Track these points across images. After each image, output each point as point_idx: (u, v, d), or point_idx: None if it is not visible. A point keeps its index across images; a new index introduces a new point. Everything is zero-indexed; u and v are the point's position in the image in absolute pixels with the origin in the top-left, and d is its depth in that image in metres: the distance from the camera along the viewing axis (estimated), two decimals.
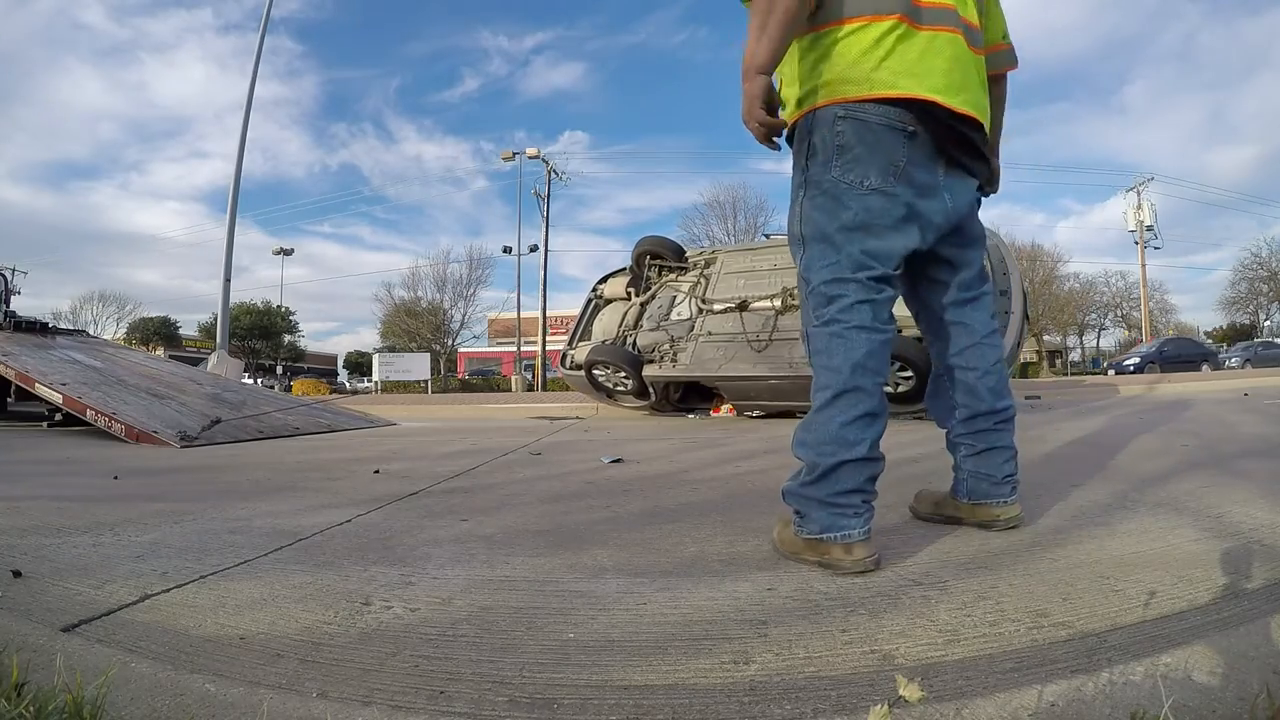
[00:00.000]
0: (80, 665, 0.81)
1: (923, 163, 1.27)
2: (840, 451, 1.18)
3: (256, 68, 13.69)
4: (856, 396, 1.20)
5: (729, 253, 6.25)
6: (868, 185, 1.24)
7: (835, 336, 1.23)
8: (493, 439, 4.22)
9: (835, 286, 1.26)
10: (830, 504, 1.18)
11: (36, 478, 2.66)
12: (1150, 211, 28.70)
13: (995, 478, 1.41)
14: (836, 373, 1.21)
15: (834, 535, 1.17)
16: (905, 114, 1.23)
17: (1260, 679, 0.74)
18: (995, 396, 1.41)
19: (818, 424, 1.22)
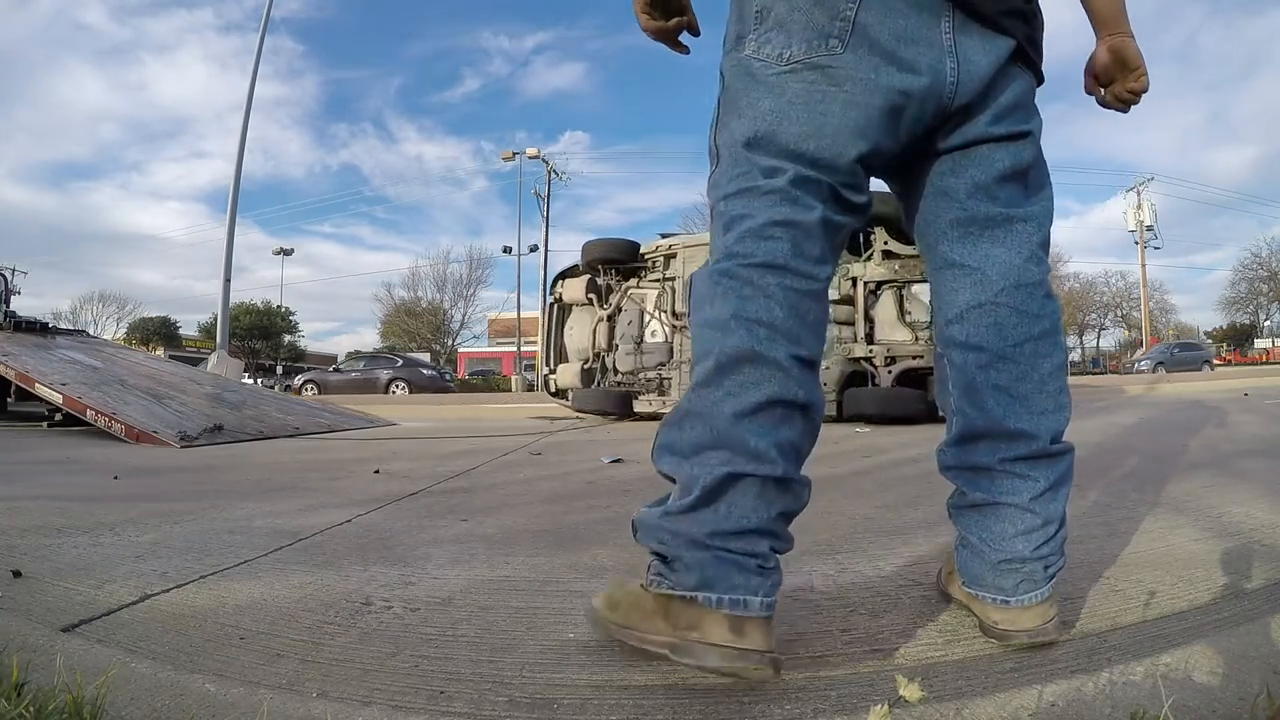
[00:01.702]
0: (80, 665, 0.81)
1: (901, 8, 0.80)
2: (734, 459, 0.75)
3: (256, 68, 13.70)
4: (757, 371, 0.76)
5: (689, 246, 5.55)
6: (788, 59, 0.81)
7: (724, 277, 0.80)
8: (493, 439, 4.22)
9: (739, 202, 0.83)
10: (715, 547, 0.73)
11: (36, 478, 2.66)
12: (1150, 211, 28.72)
13: (988, 557, 0.85)
14: (721, 329, 0.77)
15: (716, 598, 0.71)
16: None
17: (1260, 679, 0.74)
18: (1008, 409, 0.84)
19: (692, 411, 0.78)
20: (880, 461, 2.70)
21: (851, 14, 0.79)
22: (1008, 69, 0.85)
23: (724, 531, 0.74)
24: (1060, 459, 0.85)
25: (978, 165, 0.87)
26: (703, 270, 0.85)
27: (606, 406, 5.59)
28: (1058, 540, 0.85)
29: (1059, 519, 0.85)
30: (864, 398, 4.51)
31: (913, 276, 4.62)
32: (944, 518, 1.58)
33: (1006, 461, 0.84)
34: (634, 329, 5.77)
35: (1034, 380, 0.84)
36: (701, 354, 0.80)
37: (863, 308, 4.76)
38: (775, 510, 0.76)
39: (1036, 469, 0.84)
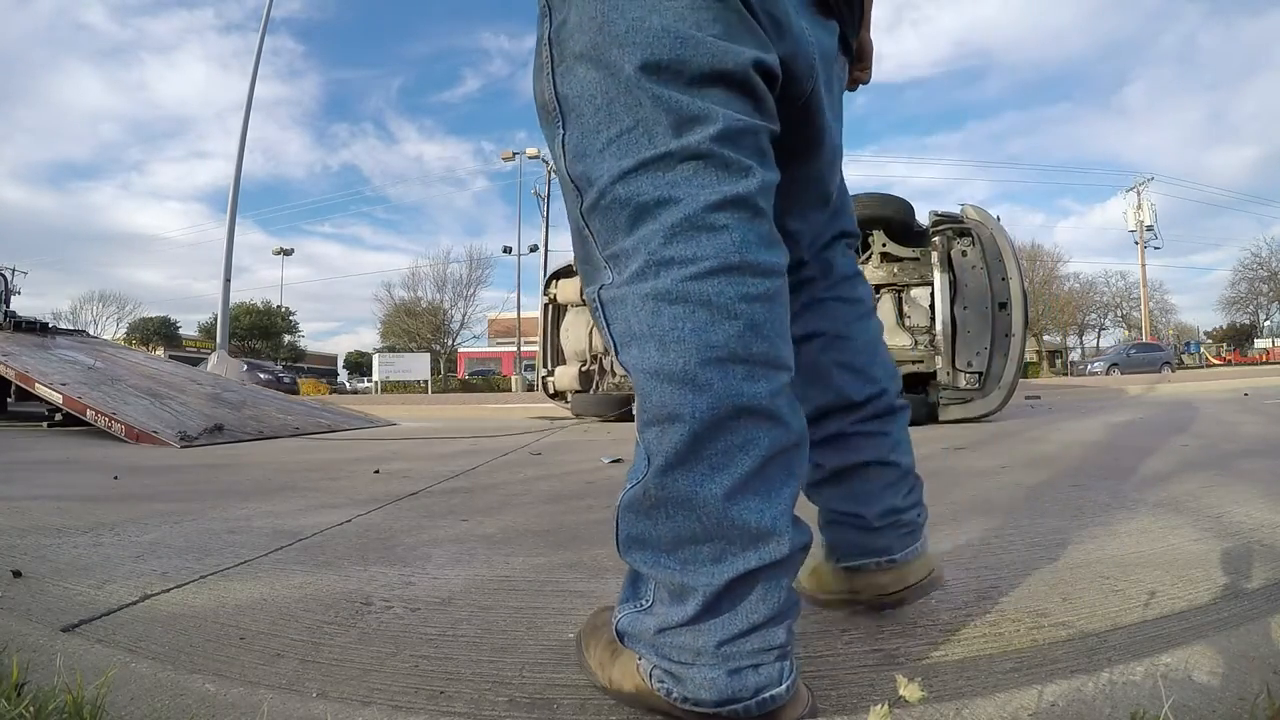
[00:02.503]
0: (80, 665, 0.81)
1: None
2: (736, 552, 0.61)
3: (256, 68, 13.71)
4: (747, 427, 0.60)
5: None
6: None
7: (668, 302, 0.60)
8: (493, 439, 4.22)
9: (649, 180, 0.61)
10: (729, 657, 0.61)
11: (36, 478, 2.66)
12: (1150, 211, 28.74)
13: (866, 518, 0.85)
14: (690, 387, 0.59)
15: (743, 708, 0.61)
16: None
17: (1260, 679, 0.74)
18: (851, 379, 0.86)
19: (669, 499, 0.61)
20: None
21: None
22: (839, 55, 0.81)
23: (736, 635, 0.61)
24: (903, 413, 0.89)
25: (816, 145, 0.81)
26: (624, 289, 0.62)
27: (606, 411, 5.58)
28: (919, 490, 0.89)
29: (913, 469, 0.88)
30: None
31: (912, 280, 4.60)
32: (944, 518, 1.59)
33: (858, 423, 0.86)
34: None
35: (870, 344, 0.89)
36: (664, 418, 0.60)
37: None
38: (785, 587, 0.63)
39: (886, 424, 0.87)
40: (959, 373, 4.43)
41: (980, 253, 4.42)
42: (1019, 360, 4.34)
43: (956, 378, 4.42)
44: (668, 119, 0.61)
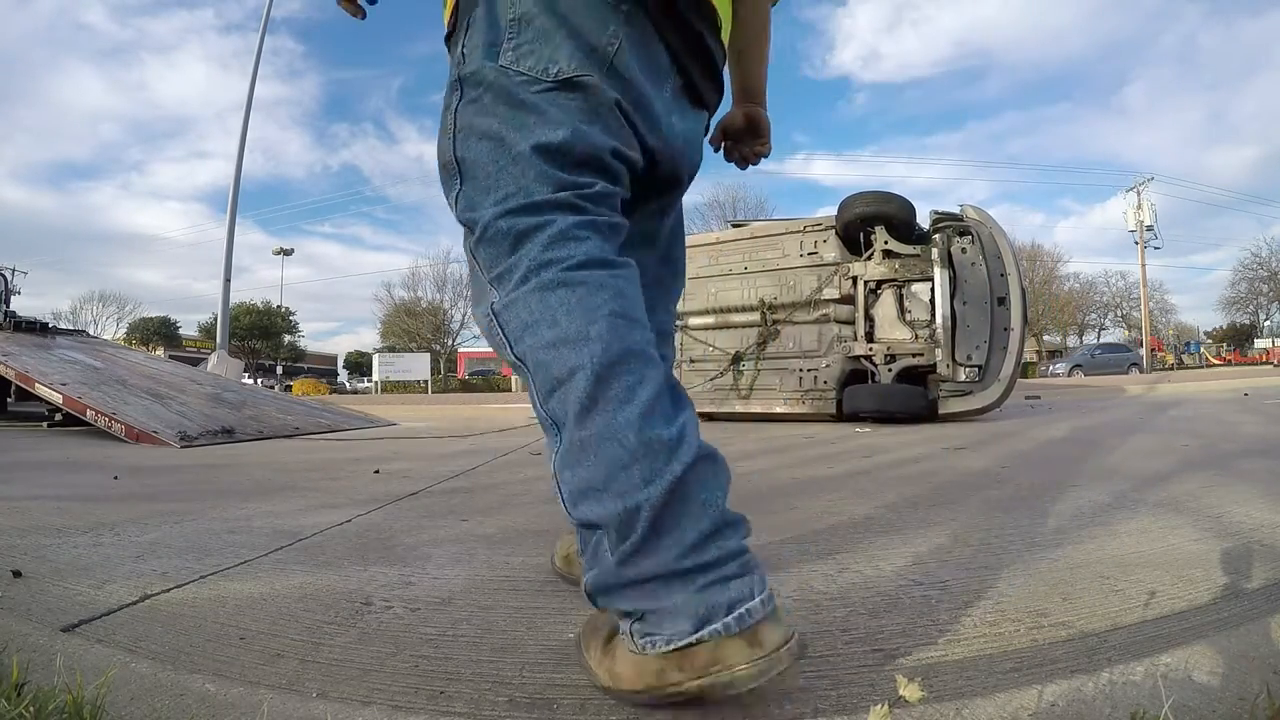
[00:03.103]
0: (80, 665, 0.81)
1: (646, 60, 0.83)
2: (662, 465, 0.66)
3: (256, 68, 13.72)
4: (637, 363, 0.70)
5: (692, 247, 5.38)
6: (556, 74, 0.79)
7: (552, 289, 0.72)
8: (493, 439, 4.22)
9: (526, 216, 0.76)
10: (692, 570, 0.65)
11: (37, 478, 2.66)
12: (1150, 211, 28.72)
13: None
14: (581, 342, 0.70)
15: (723, 625, 0.63)
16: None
17: (1260, 679, 0.74)
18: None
19: (592, 439, 0.68)
20: (880, 461, 2.70)
21: (615, 45, 0.81)
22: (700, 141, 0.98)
23: (691, 546, 0.65)
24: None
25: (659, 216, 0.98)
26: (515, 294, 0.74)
27: None
28: None
29: None
30: (863, 394, 4.52)
31: (913, 275, 4.62)
32: (944, 518, 1.59)
33: None
34: None
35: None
36: (565, 376, 0.70)
37: (863, 306, 4.76)
38: (719, 492, 0.69)
39: None
40: (958, 366, 4.46)
41: (980, 250, 4.47)
42: (1017, 354, 4.37)
43: (956, 371, 4.46)
44: (547, 185, 0.77)
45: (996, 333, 4.40)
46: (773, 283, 5.10)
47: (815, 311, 4.93)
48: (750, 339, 5.11)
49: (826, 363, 4.86)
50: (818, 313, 4.93)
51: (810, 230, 5.02)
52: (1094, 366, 22.34)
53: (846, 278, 4.82)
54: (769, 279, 5.11)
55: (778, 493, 2.03)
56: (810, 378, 4.90)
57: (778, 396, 4.96)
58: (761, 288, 5.13)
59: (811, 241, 5.00)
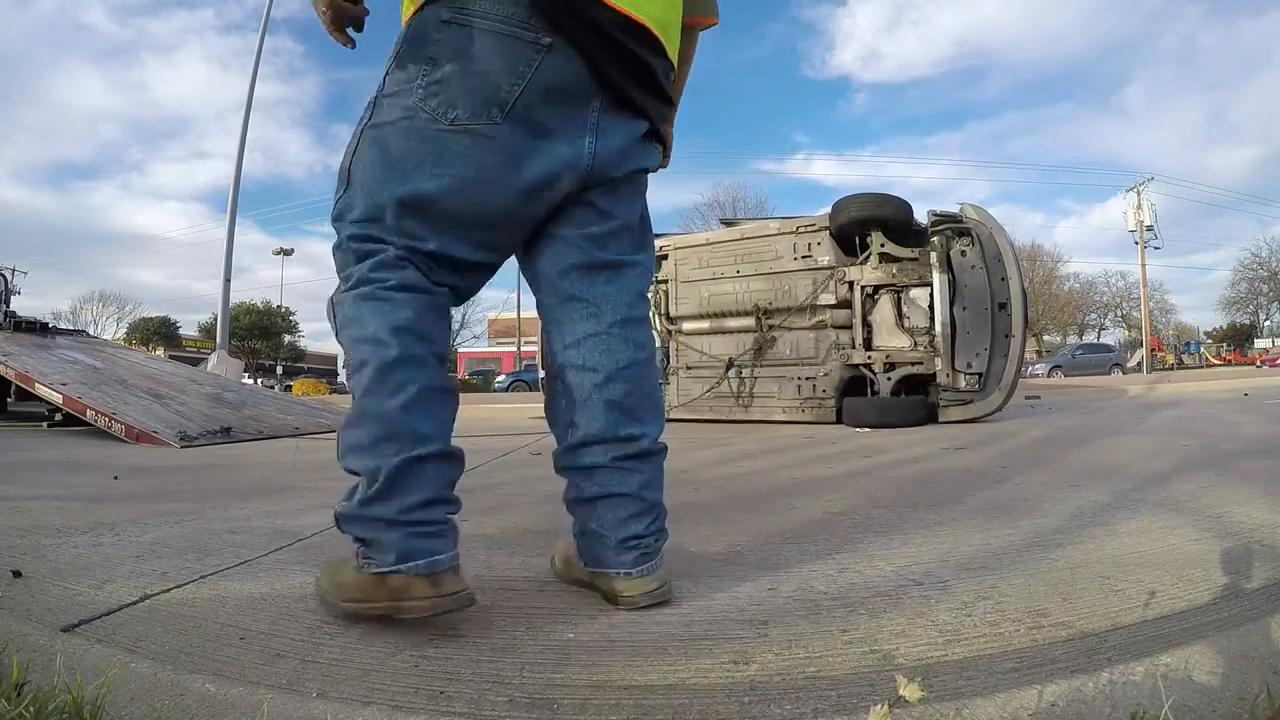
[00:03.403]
0: (80, 665, 0.81)
1: (560, 91, 0.90)
2: (406, 446, 0.87)
3: (256, 68, 13.71)
4: (411, 368, 0.89)
5: (679, 247, 5.40)
6: (452, 120, 0.88)
7: (368, 299, 0.92)
8: (492, 439, 4.22)
9: (370, 243, 0.94)
10: (405, 522, 0.87)
11: (36, 478, 2.66)
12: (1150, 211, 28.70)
13: (610, 540, 0.99)
14: (375, 343, 0.89)
15: (416, 565, 0.86)
16: (537, 15, 0.87)
17: (1260, 679, 0.74)
18: (619, 418, 1.00)
19: (365, 413, 0.89)
20: (880, 462, 2.70)
21: (518, 90, 0.88)
22: (638, 145, 1.01)
23: (409, 506, 0.87)
24: (657, 456, 1.04)
25: (603, 219, 1.01)
26: (345, 295, 0.95)
27: None
28: (661, 520, 1.04)
29: (660, 504, 1.04)
30: (863, 407, 4.46)
31: (910, 280, 4.56)
32: (944, 518, 1.59)
33: (617, 460, 1.00)
34: None
35: (639, 395, 1.02)
36: (359, 364, 0.91)
37: (860, 312, 4.69)
38: (445, 480, 0.91)
39: (642, 465, 1.01)
40: (959, 374, 4.40)
41: (979, 252, 4.39)
42: (1019, 360, 4.32)
43: (956, 379, 4.40)
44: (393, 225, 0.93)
45: (997, 339, 4.32)
46: (767, 286, 4.99)
47: (812, 317, 4.85)
48: (746, 344, 5.02)
49: (825, 370, 4.79)
50: (814, 319, 4.83)
51: (804, 231, 4.89)
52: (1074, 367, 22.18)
53: (842, 283, 4.73)
54: (762, 282, 5.01)
55: (778, 493, 2.03)
56: (809, 386, 4.83)
57: (777, 405, 4.91)
58: (755, 291, 5.02)
59: (805, 244, 4.87)
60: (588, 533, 1.03)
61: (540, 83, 0.89)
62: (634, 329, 1.03)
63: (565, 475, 1.07)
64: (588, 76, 0.92)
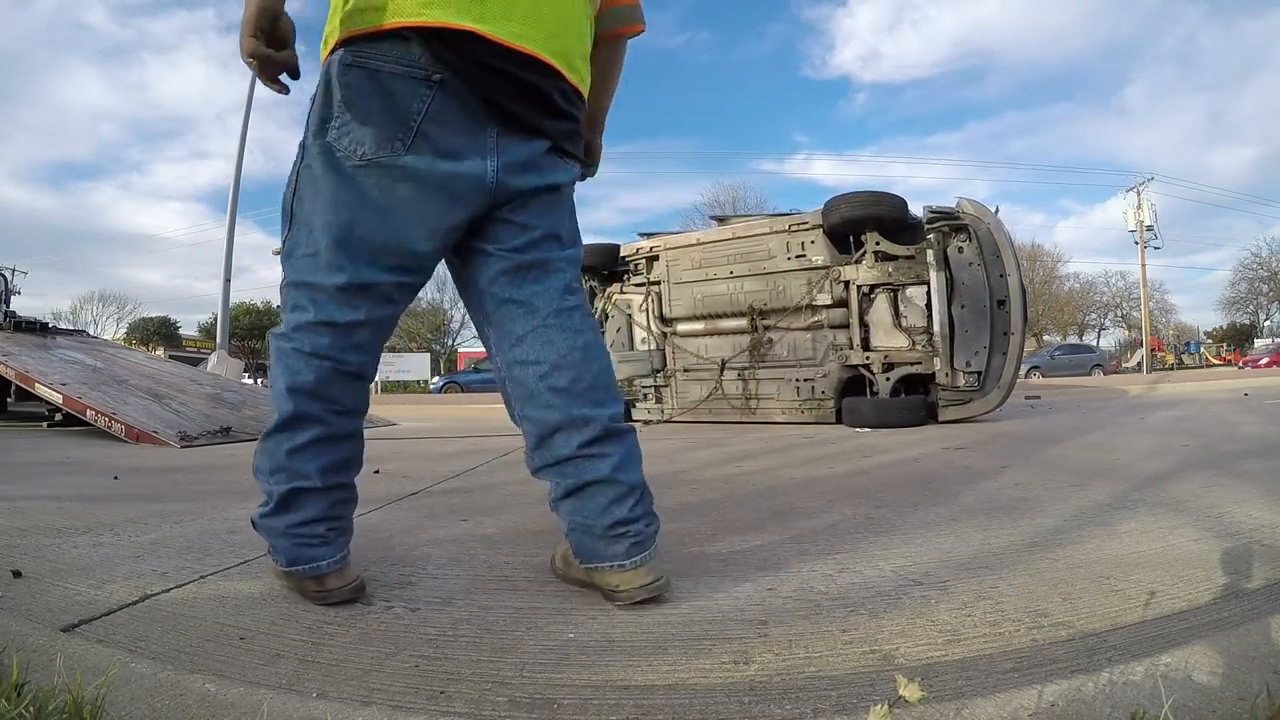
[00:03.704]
0: (80, 665, 0.81)
1: (453, 123, 0.97)
2: (292, 480, 1.03)
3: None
4: (302, 424, 1.03)
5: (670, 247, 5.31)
6: (361, 156, 0.96)
7: (282, 355, 1.04)
8: (493, 439, 4.22)
9: (300, 293, 1.03)
10: (292, 535, 1.04)
11: (36, 478, 2.66)
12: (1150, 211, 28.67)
13: (596, 529, 1.02)
14: (280, 396, 1.04)
15: (302, 568, 1.03)
16: (428, 55, 0.94)
17: (1260, 679, 0.74)
18: (570, 402, 1.04)
19: (268, 449, 1.05)
20: (880, 461, 2.70)
21: (415, 123, 0.96)
22: (542, 162, 1.06)
23: (294, 524, 1.04)
24: (621, 436, 1.06)
25: (523, 230, 1.06)
26: (273, 339, 1.07)
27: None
28: (646, 502, 1.06)
29: (641, 485, 1.06)
30: (863, 408, 4.45)
31: (907, 279, 4.54)
32: (944, 518, 1.59)
33: (582, 447, 1.03)
34: (623, 336, 5.63)
35: (586, 380, 1.05)
36: (274, 408, 1.07)
37: (857, 312, 4.65)
38: (325, 504, 1.05)
39: (608, 447, 1.04)
40: (958, 373, 4.39)
41: (977, 249, 4.35)
42: (1018, 358, 4.31)
43: (955, 378, 4.38)
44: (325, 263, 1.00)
45: (996, 337, 4.29)
46: (760, 286, 4.94)
47: (808, 318, 4.83)
48: (742, 346, 4.98)
49: (823, 372, 4.76)
50: (811, 319, 4.80)
51: (796, 230, 4.82)
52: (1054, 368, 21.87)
53: (838, 282, 4.69)
54: (756, 282, 4.95)
55: (778, 492, 2.03)
56: (808, 387, 4.80)
57: (776, 407, 4.88)
58: (749, 292, 4.97)
59: (799, 243, 4.80)
60: (575, 527, 1.06)
61: (436, 115, 0.96)
62: (568, 317, 1.07)
63: (541, 477, 1.11)
64: (480, 105, 0.99)
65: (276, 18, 0.93)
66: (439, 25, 0.93)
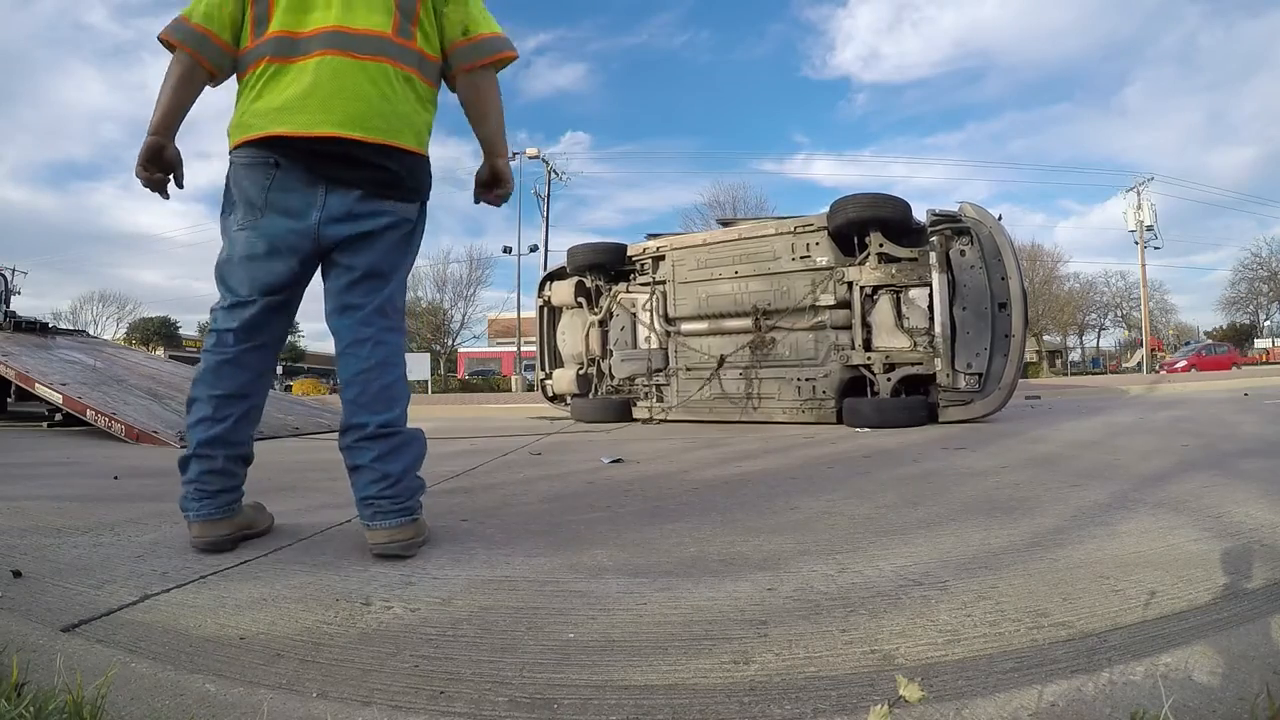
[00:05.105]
0: (80, 665, 0.81)
1: (293, 188, 1.35)
2: (191, 449, 1.41)
3: None
4: (196, 405, 1.42)
5: (677, 248, 5.40)
6: (238, 224, 1.40)
7: (207, 364, 1.43)
8: (493, 439, 4.22)
9: (213, 315, 1.45)
10: (185, 486, 1.40)
11: (36, 478, 2.66)
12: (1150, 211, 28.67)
13: (359, 498, 1.39)
14: (197, 396, 1.42)
15: (187, 514, 1.39)
16: (267, 151, 1.34)
17: (1260, 679, 0.74)
18: (352, 411, 1.40)
19: (189, 427, 1.44)
20: (880, 462, 2.70)
21: (263, 198, 1.36)
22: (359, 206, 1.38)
23: (186, 479, 1.41)
24: (391, 437, 1.39)
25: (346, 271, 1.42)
26: (204, 346, 1.45)
27: (606, 416, 5.52)
28: (399, 488, 1.37)
29: (394, 474, 1.37)
30: (864, 408, 4.45)
31: (910, 281, 4.54)
32: (944, 518, 1.59)
33: (357, 441, 1.39)
34: (627, 334, 5.67)
35: (370, 393, 1.39)
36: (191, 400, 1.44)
37: (859, 313, 4.67)
38: (199, 470, 1.39)
39: (372, 445, 1.38)
40: (959, 374, 4.39)
41: (979, 252, 4.37)
42: (1019, 360, 4.31)
43: (956, 379, 4.39)
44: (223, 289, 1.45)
45: (997, 339, 4.29)
46: (765, 287, 4.97)
47: (811, 318, 4.83)
48: (745, 345, 4.99)
49: (825, 371, 4.76)
50: (814, 319, 4.81)
51: (801, 231, 4.86)
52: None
53: (841, 283, 4.70)
54: (761, 283, 4.98)
55: (778, 493, 2.03)
56: (809, 387, 4.81)
57: (777, 406, 4.89)
58: (754, 292, 4.99)
59: (804, 244, 4.84)
60: (355, 495, 1.41)
61: (278, 188, 1.36)
62: (360, 346, 1.41)
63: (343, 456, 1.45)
64: (307, 174, 1.35)
65: (162, 150, 1.38)
66: (262, 135, 1.33)
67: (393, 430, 1.39)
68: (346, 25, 1.35)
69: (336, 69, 1.34)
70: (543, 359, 6.33)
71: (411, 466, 1.41)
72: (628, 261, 5.66)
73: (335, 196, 1.36)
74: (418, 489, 1.42)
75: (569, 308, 5.98)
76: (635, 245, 5.67)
